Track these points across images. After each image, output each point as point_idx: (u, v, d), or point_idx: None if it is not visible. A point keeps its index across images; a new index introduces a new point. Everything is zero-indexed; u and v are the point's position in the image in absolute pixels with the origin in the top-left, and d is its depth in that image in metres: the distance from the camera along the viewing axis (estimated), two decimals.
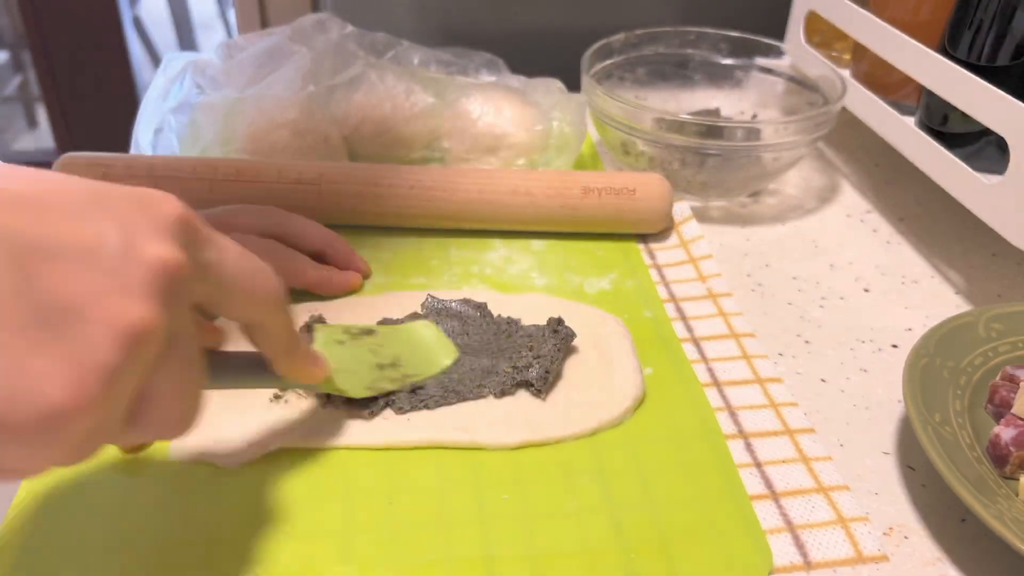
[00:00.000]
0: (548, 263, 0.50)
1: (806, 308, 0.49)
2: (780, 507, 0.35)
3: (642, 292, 0.48)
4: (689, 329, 0.46)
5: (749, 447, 0.38)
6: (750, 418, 0.40)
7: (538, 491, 0.35)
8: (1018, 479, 0.36)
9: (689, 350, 0.44)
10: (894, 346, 0.46)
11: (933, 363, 0.39)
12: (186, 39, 2.42)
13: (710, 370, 0.43)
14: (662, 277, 0.50)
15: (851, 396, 0.43)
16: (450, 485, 0.35)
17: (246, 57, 0.58)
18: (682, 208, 0.55)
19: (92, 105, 1.41)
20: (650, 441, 0.38)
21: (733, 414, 0.40)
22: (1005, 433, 0.36)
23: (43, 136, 2.38)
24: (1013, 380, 0.39)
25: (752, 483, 0.37)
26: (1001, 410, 0.38)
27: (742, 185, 0.58)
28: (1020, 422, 0.36)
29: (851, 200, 0.61)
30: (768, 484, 0.37)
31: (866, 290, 0.51)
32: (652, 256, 0.52)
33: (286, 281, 0.39)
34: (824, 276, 0.52)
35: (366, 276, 0.48)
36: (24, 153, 2.32)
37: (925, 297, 0.50)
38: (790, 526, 0.35)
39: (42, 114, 2.31)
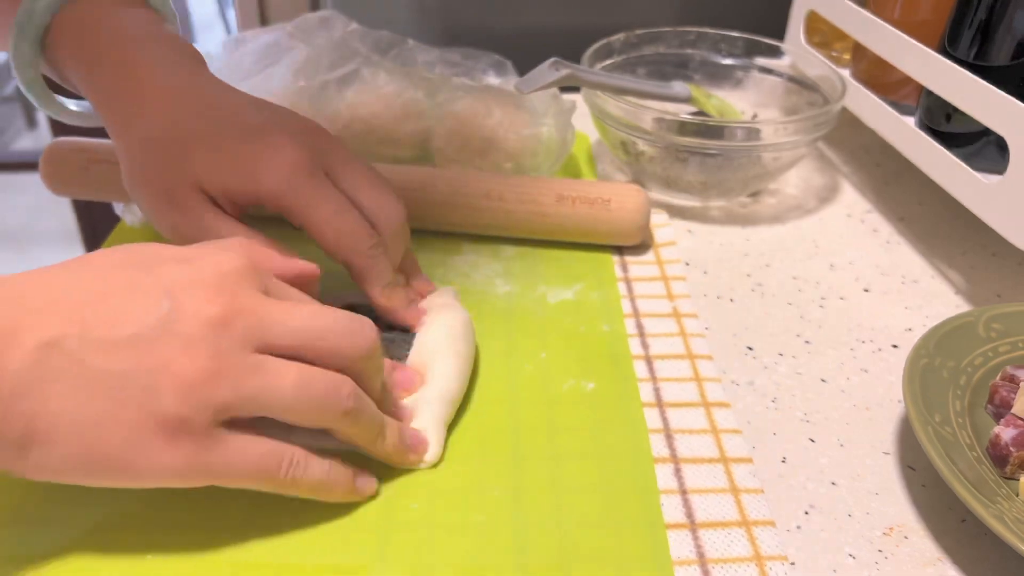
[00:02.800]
0: (515, 270, 0.50)
1: (806, 308, 0.49)
2: (696, 538, 0.34)
3: (605, 305, 0.47)
4: (644, 346, 0.44)
5: (678, 472, 0.37)
6: (686, 443, 0.38)
7: (448, 502, 0.35)
8: (1018, 479, 0.36)
9: (639, 368, 0.43)
10: (894, 346, 0.46)
11: (933, 363, 0.39)
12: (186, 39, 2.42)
13: (656, 390, 0.41)
14: (630, 291, 0.49)
15: (851, 396, 0.43)
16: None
17: (246, 52, 0.58)
18: (666, 232, 0.54)
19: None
20: (575, 458, 0.37)
21: (669, 437, 0.39)
22: (1005, 433, 0.36)
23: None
24: (1013, 380, 0.39)
25: (672, 511, 0.35)
26: (1001, 410, 0.38)
27: (742, 185, 0.58)
28: (1020, 422, 0.36)
29: (851, 200, 0.61)
30: (689, 513, 0.35)
31: (866, 290, 0.51)
32: (625, 269, 0.51)
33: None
34: (824, 276, 0.52)
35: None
36: (23, 153, 2.32)
37: (925, 297, 0.50)
38: (702, 559, 0.33)
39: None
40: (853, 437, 0.40)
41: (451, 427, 0.39)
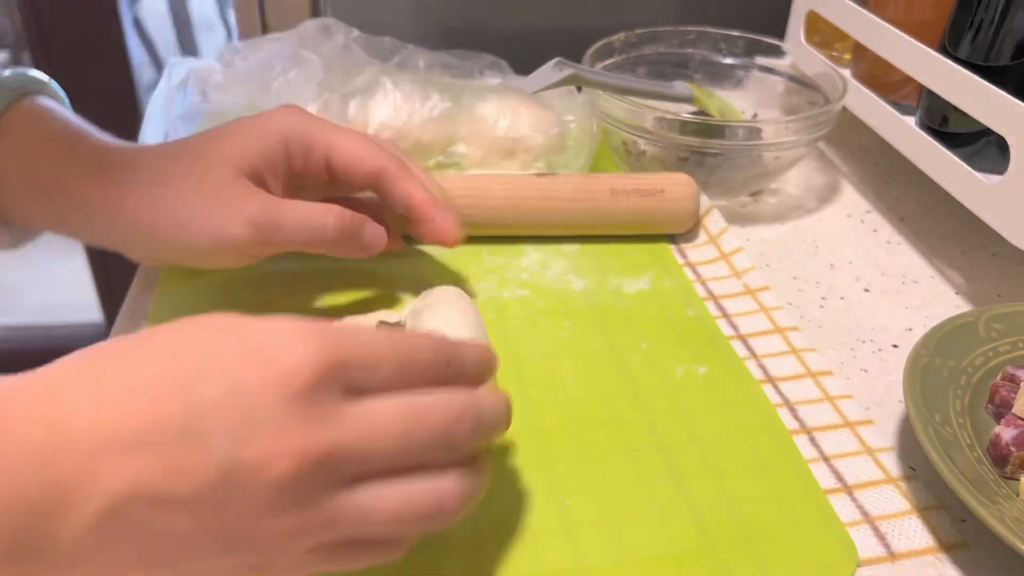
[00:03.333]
0: (583, 266, 0.50)
1: (806, 308, 0.49)
2: (855, 500, 0.36)
3: (681, 291, 0.48)
4: (734, 327, 0.46)
5: (814, 441, 0.39)
6: (809, 413, 0.40)
7: (614, 496, 0.35)
8: (1018, 479, 0.36)
9: (737, 347, 0.44)
10: (894, 346, 0.46)
11: (933, 363, 0.39)
12: (186, 39, 2.42)
13: (762, 367, 0.43)
14: (698, 276, 0.50)
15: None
16: (526, 495, 0.35)
17: (253, 63, 0.58)
18: (703, 201, 0.55)
19: (92, 105, 1.42)
20: (717, 440, 0.38)
21: (792, 409, 0.41)
22: (1005, 433, 0.36)
23: None
24: (1014, 380, 0.39)
25: (823, 477, 0.37)
26: (1001, 410, 0.38)
27: (743, 185, 0.58)
28: (1020, 422, 0.36)
29: (851, 200, 0.61)
30: (839, 477, 0.37)
31: (866, 290, 0.51)
32: (684, 255, 0.52)
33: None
34: (824, 276, 0.52)
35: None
36: None
37: (925, 297, 0.50)
38: (867, 518, 0.35)
39: None
40: None
41: (585, 421, 0.39)
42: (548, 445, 0.38)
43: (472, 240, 0.52)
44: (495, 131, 0.55)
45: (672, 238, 0.53)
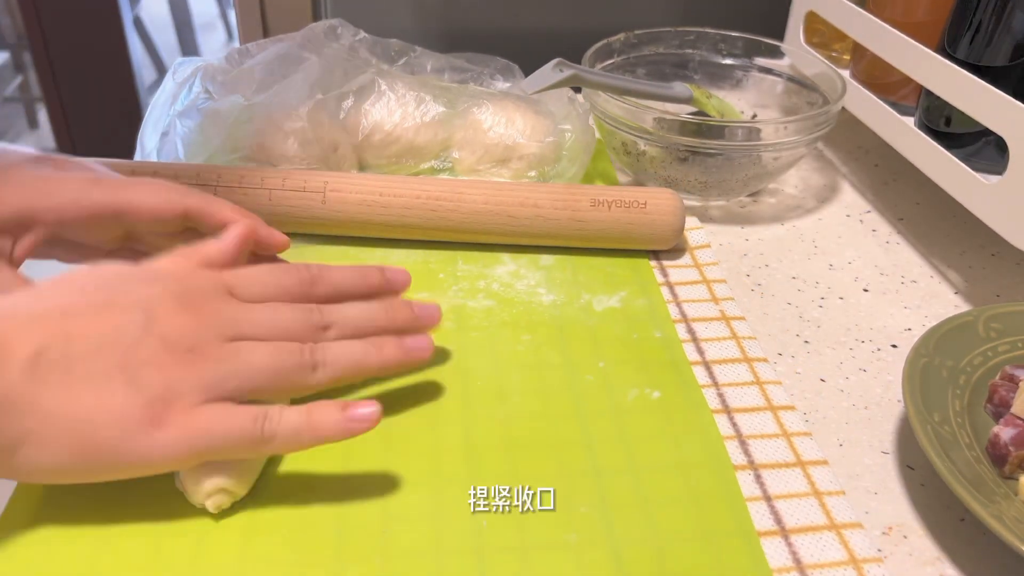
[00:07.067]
0: (556, 279, 0.49)
1: (805, 308, 0.49)
2: (790, 545, 0.34)
3: (652, 311, 0.47)
4: (700, 352, 0.44)
5: (759, 479, 0.37)
6: (761, 448, 0.38)
7: (536, 522, 0.34)
8: (1017, 479, 0.36)
9: (699, 373, 0.42)
10: (893, 346, 0.46)
11: (932, 363, 0.39)
12: (187, 40, 2.43)
13: (720, 396, 0.41)
14: (674, 296, 0.49)
15: (850, 396, 0.43)
16: (444, 512, 0.34)
17: (256, 63, 0.58)
18: (699, 235, 0.54)
19: (93, 105, 1.42)
20: (656, 470, 0.36)
21: (743, 443, 0.38)
22: (1004, 433, 0.36)
23: (44, 136, 2.39)
24: (1012, 380, 0.39)
25: (761, 518, 0.35)
26: (1000, 410, 0.38)
27: (742, 185, 0.58)
28: (1019, 422, 0.36)
29: (850, 200, 0.61)
30: (778, 519, 0.35)
31: (865, 290, 0.51)
32: (664, 274, 0.50)
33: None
34: (823, 276, 0.52)
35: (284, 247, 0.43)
36: None
37: (924, 297, 0.50)
38: (799, 566, 0.33)
39: (43, 114, 2.31)
40: (852, 436, 0.40)
41: (521, 440, 0.38)
42: (477, 462, 0.36)
43: (448, 246, 0.51)
44: (489, 137, 0.55)
45: (655, 255, 0.52)
